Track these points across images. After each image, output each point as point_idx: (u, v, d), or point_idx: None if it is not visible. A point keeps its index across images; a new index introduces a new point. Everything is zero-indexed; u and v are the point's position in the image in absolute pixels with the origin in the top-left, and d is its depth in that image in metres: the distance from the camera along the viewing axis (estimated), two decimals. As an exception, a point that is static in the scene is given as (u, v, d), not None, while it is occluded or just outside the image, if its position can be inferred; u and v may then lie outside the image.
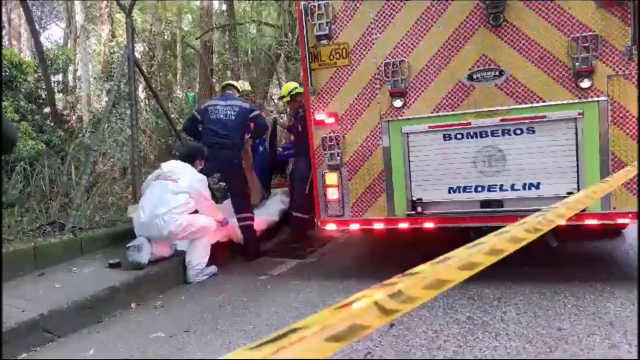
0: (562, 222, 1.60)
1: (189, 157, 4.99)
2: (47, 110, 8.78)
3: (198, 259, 4.59)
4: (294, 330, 0.47)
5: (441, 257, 0.74)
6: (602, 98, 3.52)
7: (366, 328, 0.56)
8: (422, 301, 0.67)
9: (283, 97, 6.33)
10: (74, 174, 6.10)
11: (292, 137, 6.76)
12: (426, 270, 0.67)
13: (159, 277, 4.36)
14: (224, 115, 5.30)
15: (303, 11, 4.09)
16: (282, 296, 4.01)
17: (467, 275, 0.74)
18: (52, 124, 8.09)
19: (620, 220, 3.65)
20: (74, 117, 10.18)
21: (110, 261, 4.40)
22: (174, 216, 4.41)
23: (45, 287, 3.86)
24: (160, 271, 4.40)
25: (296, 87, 6.08)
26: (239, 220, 5.25)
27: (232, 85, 5.83)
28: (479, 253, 0.77)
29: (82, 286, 3.85)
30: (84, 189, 5.53)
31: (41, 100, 8.84)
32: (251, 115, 5.41)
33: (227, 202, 5.33)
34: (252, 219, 5.31)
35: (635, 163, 2.82)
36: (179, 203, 4.49)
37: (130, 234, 4.65)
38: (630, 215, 3.56)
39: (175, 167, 4.75)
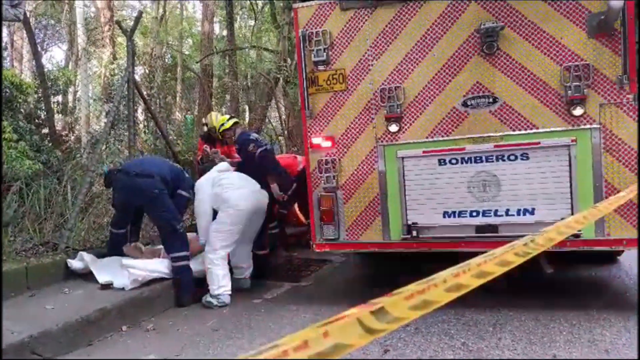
0: (552, 247, 1.60)
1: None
2: (45, 130, 8.80)
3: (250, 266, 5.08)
4: (275, 346, 0.47)
5: (428, 278, 0.75)
6: (595, 126, 3.57)
7: (349, 347, 0.56)
8: (407, 321, 0.67)
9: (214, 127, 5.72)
10: (69, 195, 6.09)
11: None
12: (412, 290, 0.68)
13: (151, 300, 4.31)
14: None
15: (301, 37, 4.18)
16: (276, 320, 3.96)
17: (454, 297, 0.74)
18: (50, 144, 8.11)
19: (614, 247, 3.66)
20: (72, 138, 10.22)
21: (102, 282, 4.36)
22: None
23: (36, 308, 3.81)
24: (151, 294, 4.34)
25: (222, 124, 5.66)
26: (172, 260, 4.50)
27: None
28: (466, 275, 0.77)
29: (73, 308, 3.80)
30: (79, 209, 5.51)
31: (40, 121, 8.87)
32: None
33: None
34: (187, 258, 4.56)
35: (628, 189, 2.84)
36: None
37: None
38: (624, 241, 3.57)
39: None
